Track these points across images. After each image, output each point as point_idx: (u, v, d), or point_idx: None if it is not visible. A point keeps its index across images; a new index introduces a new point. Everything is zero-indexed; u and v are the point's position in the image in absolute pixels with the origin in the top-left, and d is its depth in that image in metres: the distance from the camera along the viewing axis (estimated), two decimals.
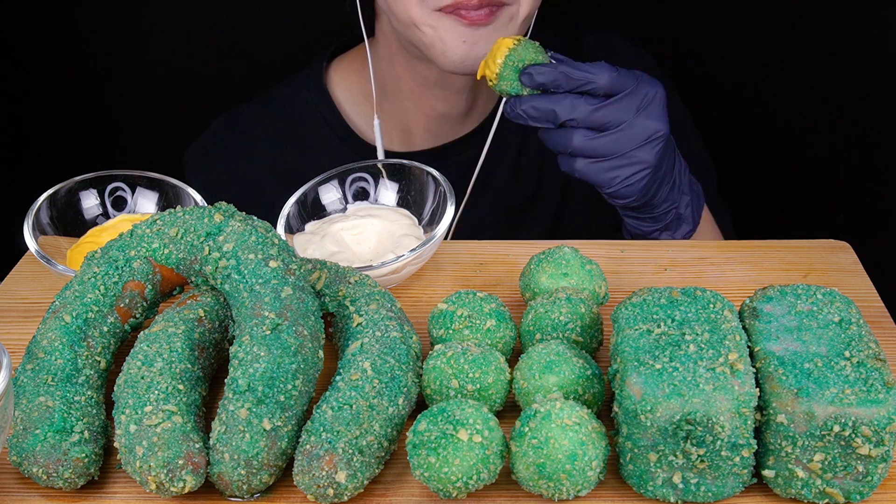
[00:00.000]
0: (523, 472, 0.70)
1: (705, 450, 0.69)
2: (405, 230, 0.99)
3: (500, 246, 1.03)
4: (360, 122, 1.33)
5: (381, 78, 1.29)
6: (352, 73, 1.34)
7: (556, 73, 1.00)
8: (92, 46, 1.73)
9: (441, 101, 1.28)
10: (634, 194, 1.05)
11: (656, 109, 1.02)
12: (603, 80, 1.00)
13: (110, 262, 0.84)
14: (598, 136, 1.01)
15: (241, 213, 0.84)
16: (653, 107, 1.02)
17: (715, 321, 0.74)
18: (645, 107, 1.01)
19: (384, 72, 1.28)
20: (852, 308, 0.76)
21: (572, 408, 0.71)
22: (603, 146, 1.02)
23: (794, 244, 1.03)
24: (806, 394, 0.68)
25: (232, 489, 0.72)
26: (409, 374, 0.78)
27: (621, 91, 1.01)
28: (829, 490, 0.70)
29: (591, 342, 0.83)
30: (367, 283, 0.86)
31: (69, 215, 1.02)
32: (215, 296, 0.84)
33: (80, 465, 0.73)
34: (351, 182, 1.05)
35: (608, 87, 1.01)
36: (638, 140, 1.02)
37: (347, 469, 0.70)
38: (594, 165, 1.03)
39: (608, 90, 1.01)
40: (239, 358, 0.75)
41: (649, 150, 1.02)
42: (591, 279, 0.89)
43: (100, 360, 0.81)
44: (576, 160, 1.03)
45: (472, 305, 0.84)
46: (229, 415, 0.72)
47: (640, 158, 1.02)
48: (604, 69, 1.01)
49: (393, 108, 1.30)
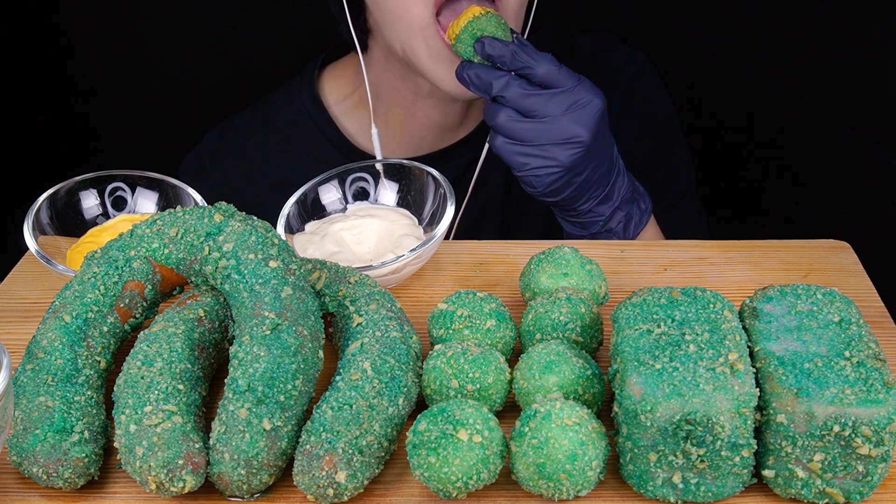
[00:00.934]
0: (523, 472, 0.70)
1: (705, 450, 0.69)
2: (405, 230, 0.99)
3: (500, 246, 1.03)
4: (354, 130, 1.33)
5: (375, 88, 1.29)
6: (344, 81, 1.34)
7: (504, 50, 1.05)
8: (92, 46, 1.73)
9: (436, 111, 1.29)
10: (541, 186, 1.08)
11: (585, 116, 1.05)
12: (541, 69, 1.05)
13: (110, 262, 0.84)
14: (521, 119, 1.06)
15: (240, 213, 0.84)
16: (583, 112, 1.05)
17: (715, 321, 0.74)
18: (575, 110, 1.05)
19: (378, 82, 1.29)
20: (852, 308, 0.76)
21: (572, 408, 0.71)
22: (521, 131, 1.06)
23: (794, 244, 1.03)
24: (806, 394, 0.68)
25: (232, 489, 0.72)
26: (409, 374, 0.78)
27: (556, 86, 1.05)
28: (829, 490, 0.70)
29: (591, 342, 0.83)
30: (367, 283, 0.86)
31: (69, 215, 1.02)
32: (215, 296, 0.84)
33: (80, 465, 0.73)
34: (351, 182, 1.05)
35: (544, 77, 1.05)
36: (556, 137, 1.05)
37: (347, 469, 0.70)
38: (510, 146, 1.07)
39: (543, 80, 1.05)
40: (239, 358, 0.75)
41: (564, 151, 1.06)
42: (591, 279, 0.89)
43: (100, 360, 0.81)
44: (497, 136, 1.07)
45: (472, 305, 0.84)
46: (229, 415, 0.72)
47: (553, 155, 1.06)
48: (546, 60, 1.05)
49: (388, 117, 1.31)
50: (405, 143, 1.32)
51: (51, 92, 1.73)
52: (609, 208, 1.13)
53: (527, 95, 1.05)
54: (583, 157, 1.07)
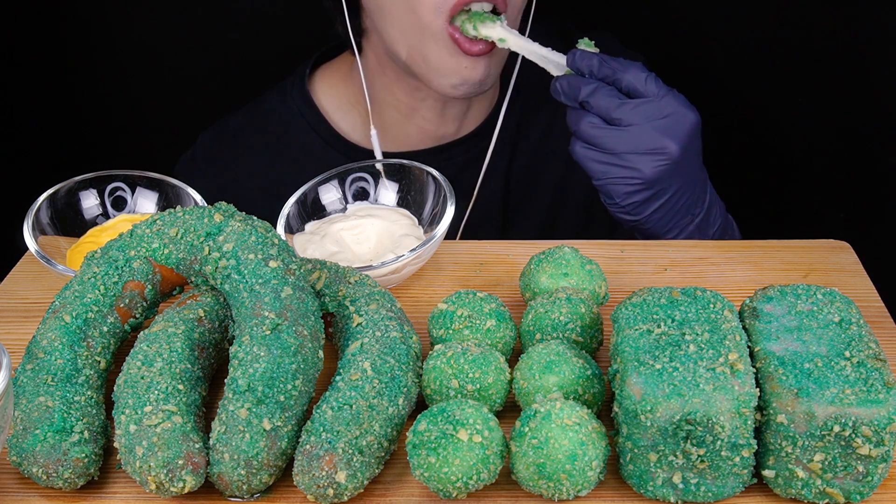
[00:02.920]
0: (523, 472, 0.70)
1: (705, 450, 0.69)
2: (405, 230, 0.99)
3: (500, 246, 1.03)
4: (348, 129, 1.33)
5: (371, 89, 1.29)
6: (337, 81, 1.34)
7: (595, 60, 1.03)
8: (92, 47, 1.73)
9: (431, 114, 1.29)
10: (619, 198, 1.05)
11: (674, 128, 1.02)
12: (628, 76, 1.02)
13: (110, 262, 0.84)
14: (604, 126, 1.03)
15: (240, 214, 0.84)
16: (672, 124, 1.02)
17: (715, 321, 0.74)
18: (661, 119, 1.01)
19: (374, 84, 1.29)
20: (852, 308, 0.76)
21: (572, 408, 0.71)
22: (603, 137, 1.03)
23: (794, 244, 1.03)
24: (806, 394, 0.68)
25: (232, 489, 0.72)
26: (409, 374, 0.78)
27: (644, 94, 1.02)
28: (829, 490, 0.70)
29: (591, 342, 0.83)
30: (367, 283, 0.86)
31: (69, 215, 1.02)
32: (215, 296, 0.84)
33: (80, 465, 0.73)
34: (351, 182, 1.05)
35: (630, 84, 1.02)
36: (640, 147, 1.02)
37: (347, 469, 0.70)
38: (589, 152, 1.04)
39: (630, 88, 1.02)
40: (239, 358, 0.75)
41: (648, 162, 1.02)
42: (591, 279, 0.89)
43: (100, 360, 0.81)
44: (576, 142, 1.05)
45: (472, 305, 0.84)
46: (229, 415, 0.72)
47: (635, 165, 1.02)
48: (633, 66, 1.03)
49: (382, 119, 1.31)
50: (402, 146, 1.32)
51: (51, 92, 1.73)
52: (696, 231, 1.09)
53: (612, 101, 1.02)
54: (668, 172, 1.02)
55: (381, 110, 1.30)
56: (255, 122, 1.36)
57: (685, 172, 1.04)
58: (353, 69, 1.32)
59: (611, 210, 1.08)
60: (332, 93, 1.34)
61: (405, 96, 1.27)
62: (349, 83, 1.33)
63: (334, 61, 1.37)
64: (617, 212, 1.07)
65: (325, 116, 1.33)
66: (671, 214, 1.06)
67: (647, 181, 1.03)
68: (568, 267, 0.88)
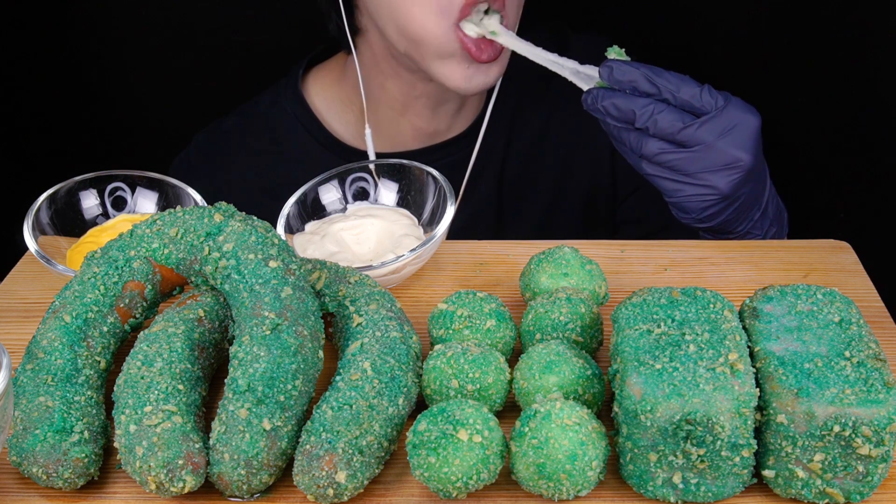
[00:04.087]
0: (523, 472, 0.70)
1: (705, 450, 0.69)
2: (405, 230, 0.99)
3: (500, 246, 1.03)
4: (341, 129, 1.33)
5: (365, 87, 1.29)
6: (330, 82, 1.35)
7: (637, 75, 0.98)
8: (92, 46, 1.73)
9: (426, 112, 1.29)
10: (694, 212, 1.02)
11: (743, 137, 0.98)
12: (681, 93, 0.97)
13: (110, 262, 0.84)
14: (673, 149, 0.98)
15: (240, 214, 0.84)
16: (740, 134, 0.98)
17: (715, 321, 0.74)
18: (729, 132, 0.97)
19: (369, 83, 1.29)
20: (852, 308, 0.76)
21: (572, 408, 0.71)
22: (674, 161, 0.99)
23: (794, 244, 1.03)
24: (806, 394, 0.68)
25: (232, 489, 0.72)
26: (409, 374, 0.78)
27: (704, 110, 0.98)
28: (829, 490, 0.70)
29: (591, 342, 0.83)
30: (367, 283, 0.86)
31: (69, 215, 1.02)
32: (215, 296, 0.84)
33: (80, 465, 0.73)
34: (351, 182, 1.05)
35: (687, 101, 0.98)
36: (713, 165, 0.98)
37: (347, 469, 0.70)
38: (661, 171, 1.00)
39: (687, 105, 0.98)
40: (239, 358, 0.75)
41: (723, 177, 0.99)
42: (591, 279, 0.89)
43: (100, 360, 0.81)
44: (643, 161, 1.01)
45: (472, 305, 0.84)
46: (229, 415, 0.72)
47: (710, 182, 0.99)
48: (686, 81, 0.98)
49: (376, 117, 1.31)
50: (394, 145, 1.32)
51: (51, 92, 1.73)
52: (765, 225, 1.08)
53: (674, 124, 0.97)
54: (742, 181, 0.99)
55: (376, 109, 1.30)
56: (248, 123, 1.37)
57: (756, 173, 1.02)
58: (345, 70, 1.32)
59: (682, 220, 1.05)
60: (325, 94, 1.34)
61: (400, 94, 1.27)
62: (342, 84, 1.33)
63: (327, 62, 1.37)
64: (690, 222, 1.04)
65: (318, 117, 1.33)
66: (744, 211, 1.04)
67: (723, 195, 1.00)
68: (568, 267, 0.88)
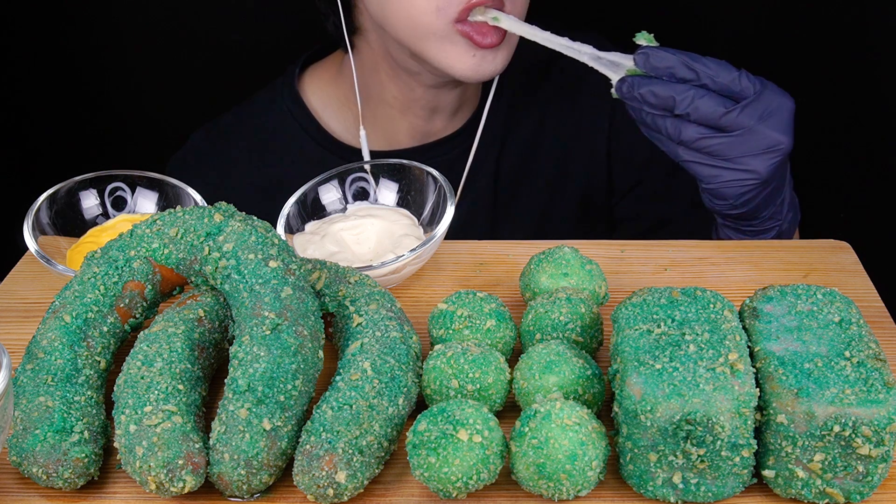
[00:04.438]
0: (523, 472, 0.70)
1: (705, 450, 0.69)
2: (405, 230, 0.99)
3: (500, 246, 1.03)
4: (338, 128, 1.33)
5: (363, 86, 1.29)
6: (327, 81, 1.35)
7: (675, 61, 0.97)
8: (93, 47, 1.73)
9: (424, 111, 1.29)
10: (732, 198, 1.01)
11: (783, 121, 0.98)
12: (720, 77, 0.97)
13: (110, 262, 0.84)
14: (713, 135, 0.98)
15: (240, 213, 0.84)
16: (779, 117, 0.98)
17: (715, 321, 0.74)
18: (769, 116, 0.97)
19: (367, 81, 1.29)
20: (852, 308, 0.76)
21: (572, 408, 0.71)
22: (714, 146, 0.98)
23: (794, 244, 1.03)
24: (806, 394, 0.68)
25: (232, 489, 0.72)
26: (409, 374, 0.78)
27: (743, 94, 0.97)
28: (829, 490, 0.70)
29: (591, 342, 0.83)
30: (367, 283, 0.86)
31: (69, 215, 1.02)
32: (215, 296, 0.84)
33: (80, 465, 0.73)
34: (351, 182, 1.05)
35: (724, 85, 0.97)
36: (754, 148, 0.98)
37: (347, 469, 0.70)
38: (698, 156, 1.00)
39: (725, 90, 0.97)
40: (239, 358, 0.75)
41: (763, 161, 0.98)
42: (591, 279, 0.89)
43: (100, 360, 0.81)
44: (680, 147, 1.00)
45: (472, 305, 0.84)
46: (229, 415, 0.72)
47: (750, 166, 0.99)
48: (723, 66, 0.97)
49: (373, 116, 1.31)
50: (391, 143, 1.33)
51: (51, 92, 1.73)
52: (784, 210, 1.07)
53: (716, 109, 0.96)
54: (780, 164, 0.99)
55: (374, 107, 1.30)
56: (245, 122, 1.37)
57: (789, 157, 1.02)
58: (342, 69, 1.32)
59: (714, 207, 1.05)
60: (322, 92, 1.35)
61: (399, 92, 1.27)
62: (339, 82, 1.33)
63: (324, 61, 1.37)
64: (723, 209, 1.04)
65: (315, 116, 1.34)
66: (773, 196, 1.04)
67: (763, 180, 1.00)
68: (568, 267, 0.88)
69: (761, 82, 0.99)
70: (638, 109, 1.00)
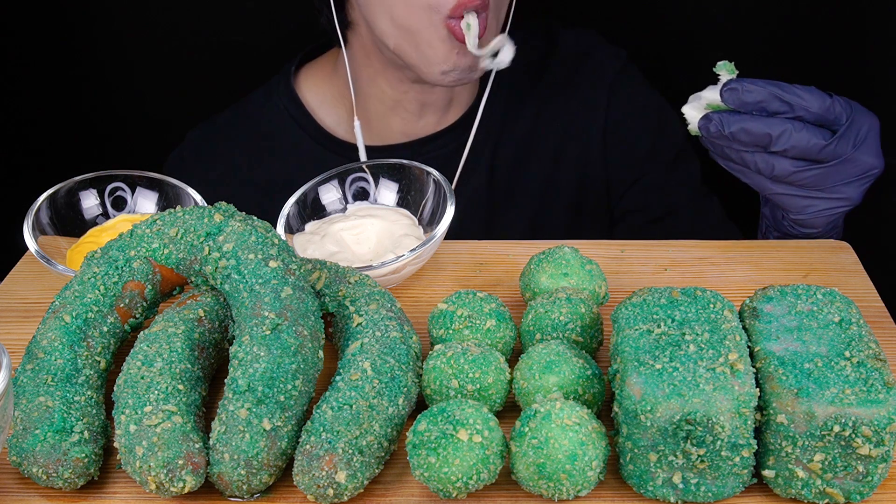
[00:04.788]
0: (523, 472, 0.70)
1: (705, 450, 0.69)
2: (405, 230, 0.99)
3: (500, 246, 1.03)
4: (333, 124, 1.34)
5: (355, 81, 1.30)
6: (322, 78, 1.36)
7: (766, 94, 0.92)
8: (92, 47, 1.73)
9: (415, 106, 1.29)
10: (821, 226, 1.00)
11: (873, 144, 0.95)
12: (814, 107, 0.93)
13: (110, 262, 0.84)
14: (809, 167, 0.94)
15: (240, 213, 0.84)
16: (869, 141, 0.95)
17: (715, 321, 0.74)
18: (862, 141, 0.94)
19: (359, 77, 1.30)
20: (852, 308, 0.76)
21: (572, 408, 0.71)
22: (810, 178, 0.95)
23: (794, 244, 1.03)
24: (806, 394, 0.68)
25: (232, 489, 0.72)
26: (409, 374, 0.78)
27: (836, 121, 0.94)
28: (829, 490, 0.70)
29: (591, 342, 0.83)
30: (367, 283, 0.86)
31: (69, 215, 1.02)
32: (215, 296, 0.84)
33: (80, 465, 0.73)
34: (351, 182, 1.05)
35: (819, 115, 0.93)
36: (850, 175, 0.95)
37: (347, 469, 0.70)
38: (791, 189, 0.96)
39: (818, 119, 0.94)
40: (239, 358, 0.75)
41: (857, 187, 0.96)
42: (591, 279, 0.89)
43: (100, 360, 0.81)
44: (770, 181, 0.96)
45: (472, 305, 0.84)
46: (229, 415, 0.72)
47: (844, 194, 0.96)
48: (815, 94, 0.93)
49: (366, 111, 1.31)
50: (384, 139, 1.33)
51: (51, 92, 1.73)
52: None
53: (815, 143, 0.92)
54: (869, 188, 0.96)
55: (366, 103, 1.31)
56: (241, 119, 1.38)
57: None
58: (337, 65, 1.33)
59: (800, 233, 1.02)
60: (317, 89, 1.35)
61: (389, 88, 1.28)
62: (334, 79, 1.34)
63: (320, 59, 1.38)
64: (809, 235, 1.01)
65: (311, 112, 1.34)
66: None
67: (854, 204, 0.98)
68: (568, 267, 0.88)
69: (850, 105, 0.95)
70: (720, 146, 0.96)
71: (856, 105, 0.96)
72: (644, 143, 1.33)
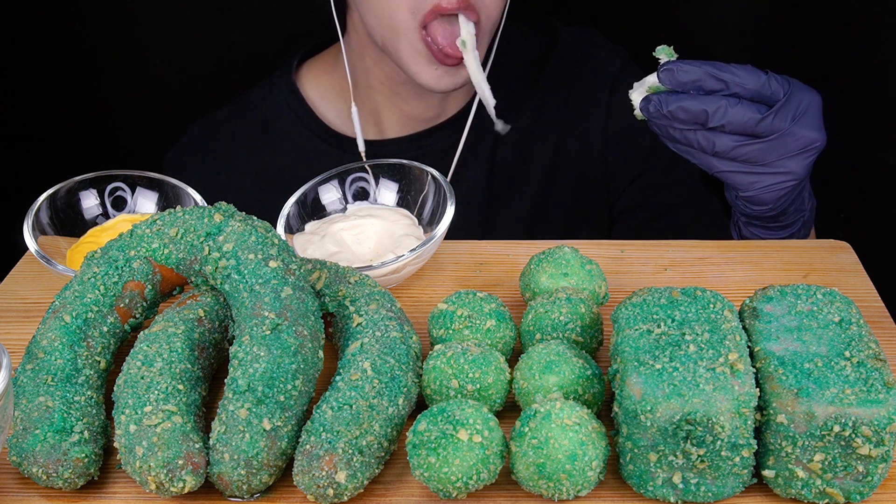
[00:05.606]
0: (523, 472, 0.70)
1: (705, 450, 0.69)
2: (405, 230, 0.99)
3: (500, 246, 1.03)
4: (334, 118, 1.35)
5: (352, 71, 1.31)
6: (323, 73, 1.36)
7: (701, 73, 0.95)
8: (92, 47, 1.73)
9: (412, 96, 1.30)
10: (771, 202, 1.01)
11: (815, 118, 0.97)
12: (750, 84, 0.95)
13: (110, 262, 0.84)
14: (749, 142, 0.96)
15: (240, 213, 0.84)
16: (811, 115, 0.97)
17: (715, 321, 0.74)
18: (801, 115, 0.96)
19: (356, 65, 1.30)
20: (852, 308, 0.76)
21: (572, 408, 0.71)
22: (751, 153, 0.97)
23: (794, 244, 1.03)
24: (806, 394, 0.68)
25: (232, 489, 0.72)
26: (409, 374, 0.78)
27: (773, 97, 0.95)
28: (829, 490, 0.70)
29: (591, 342, 0.83)
30: (367, 283, 0.86)
31: (69, 215, 1.02)
32: (215, 296, 0.84)
33: (80, 465, 0.73)
34: (351, 182, 1.05)
35: (755, 91, 0.95)
36: (791, 150, 0.97)
37: (347, 469, 0.70)
38: (734, 165, 0.98)
39: (755, 95, 0.95)
40: (239, 358, 0.75)
41: (801, 161, 0.98)
42: (591, 279, 0.89)
43: (100, 360, 0.81)
44: (714, 158, 0.98)
45: (472, 305, 0.84)
46: (229, 415, 0.72)
47: (788, 168, 0.98)
48: (750, 72, 0.95)
49: (365, 100, 1.32)
50: (383, 130, 1.33)
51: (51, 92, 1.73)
52: (808, 199, 1.07)
53: (751, 118, 0.94)
54: (813, 162, 0.98)
55: (365, 94, 1.32)
56: (243, 114, 1.38)
57: None
58: (337, 61, 1.34)
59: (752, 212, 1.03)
60: (318, 84, 1.36)
61: (386, 79, 1.29)
62: (334, 74, 1.35)
63: (321, 54, 1.39)
64: (761, 213, 1.03)
65: (312, 107, 1.35)
66: (801, 190, 1.03)
67: (800, 179, 0.99)
68: (568, 267, 0.88)
69: (788, 81, 0.97)
70: (664, 126, 0.98)
71: (795, 82, 0.98)
72: (643, 143, 1.33)
